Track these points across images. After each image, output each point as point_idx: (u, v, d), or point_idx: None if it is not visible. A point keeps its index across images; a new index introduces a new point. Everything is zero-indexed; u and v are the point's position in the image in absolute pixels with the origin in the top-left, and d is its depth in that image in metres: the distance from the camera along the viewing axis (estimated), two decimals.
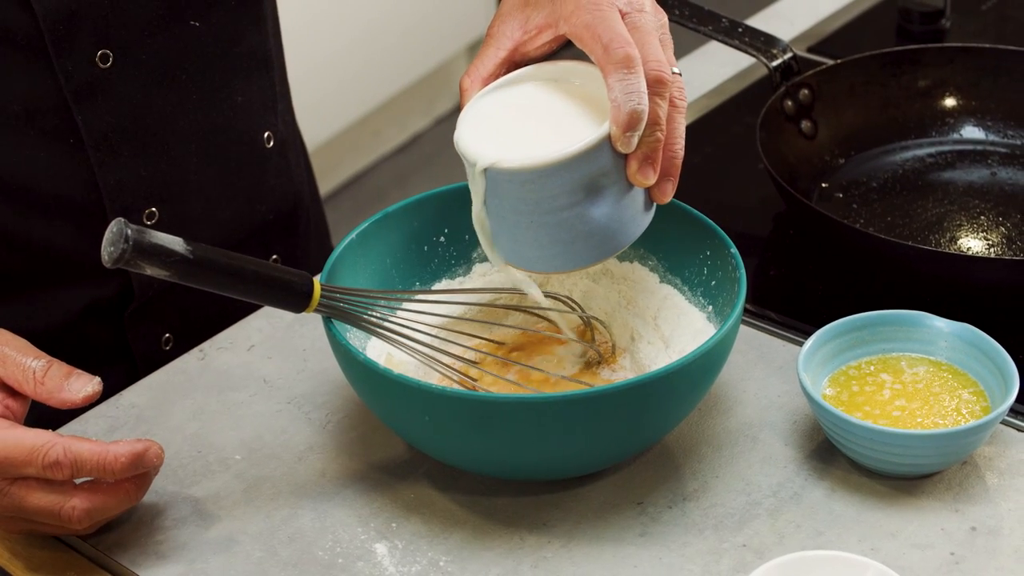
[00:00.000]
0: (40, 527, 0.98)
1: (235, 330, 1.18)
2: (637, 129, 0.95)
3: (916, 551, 0.96)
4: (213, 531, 1.00)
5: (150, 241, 0.92)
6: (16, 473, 0.94)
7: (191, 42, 1.15)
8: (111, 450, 0.95)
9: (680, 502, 1.00)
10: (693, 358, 0.95)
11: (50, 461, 0.94)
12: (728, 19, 1.34)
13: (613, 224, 0.98)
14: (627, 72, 0.95)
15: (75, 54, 1.09)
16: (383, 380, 0.96)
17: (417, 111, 3.34)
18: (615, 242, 1.00)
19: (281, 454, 1.06)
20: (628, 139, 0.95)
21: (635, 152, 0.96)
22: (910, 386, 1.04)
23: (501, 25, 1.05)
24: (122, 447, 0.95)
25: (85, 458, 0.94)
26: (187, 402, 1.11)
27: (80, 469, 0.94)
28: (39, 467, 0.94)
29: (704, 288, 1.08)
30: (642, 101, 0.95)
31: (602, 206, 0.97)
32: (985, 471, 1.01)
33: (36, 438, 0.94)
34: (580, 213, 0.97)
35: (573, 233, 0.98)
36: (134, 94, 1.13)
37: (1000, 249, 1.21)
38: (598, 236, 0.98)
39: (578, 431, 0.95)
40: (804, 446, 1.04)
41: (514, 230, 0.99)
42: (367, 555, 0.98)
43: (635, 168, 0.97)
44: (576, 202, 0.97)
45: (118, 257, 0.91)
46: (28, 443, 0.94)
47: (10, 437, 0.94)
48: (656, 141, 0.96)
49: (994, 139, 1.33)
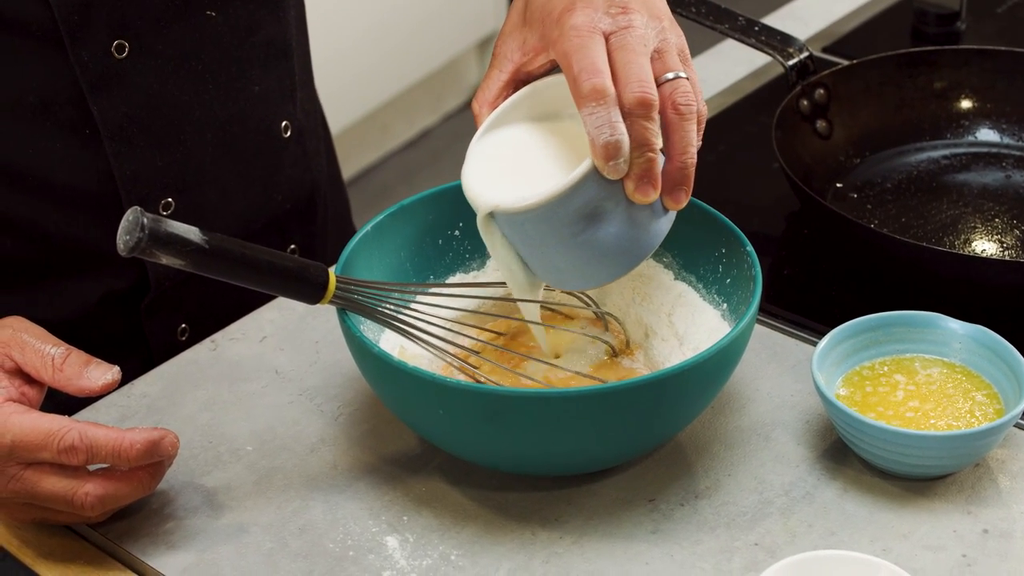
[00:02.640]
0: (52, 515, 0.98)
1: (247, 321, 1.17)
2: (618, 157, 0.94)
3: (928, 552, 0.96)
4: (224, 521, 1.00)
5: (166, 230, 0.92)
6: (31, 457, 0.94)
7: (208, 32, 1.15)
8: (127, 437, 0.94)
9: (692, 500, 1.00)
10: (707, 355, 0.95)
11: (65, 446, 0.94)
12: (745, 17, 1.34)
13: (625, 242, 0.98)
14: (596, 105, 0.94)
15: (91, 44, 1.09)
16: (397, 373, 0.96)
17: (425, 107, 3.34)
18: (634, 256, 1.00)
19: (293, 446, 1.06)
20: (613, 167, 0.94)
21: (628, 175, 0.96)
22: (924, 387, 1.04)
23: (503, 46, 1.04)
24: (138, 434, 0.95)
25: (100, 444, 0.94)
26: (199, 392, 1.11)
27: (95, 455, 0.94)
28: (54, 451, 0.94)
29: (719, 286, 1.07)
30: (615, 132, 0.94)
31: (610, 228, 0.97)
32: (998, 473, 1.01)
33: (52, 423, 0.94)
34: (588, 239, 0.97)
35: (587, 256, 0.98)
36: (150, 84, 1.13)
37: (1014, 252, 1.21)
38: (613, 255, 0.99)
39: (591, 427, 0.95)
40: (817, 446, 1.04)
41: (533, 258, 1.00)
42: (378, 548, 0.98)
43: (632, 189, 0.96)
44: (581, 231, 0.97)
45: (134, 246, 0.91)
46: (44, 427, 0.94)
47: (26, 421, 0.94)
48: (648, 162, 0.95)
49: (1009, 142, 1.33)
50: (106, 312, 1.18)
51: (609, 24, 0.96)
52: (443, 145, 3.28)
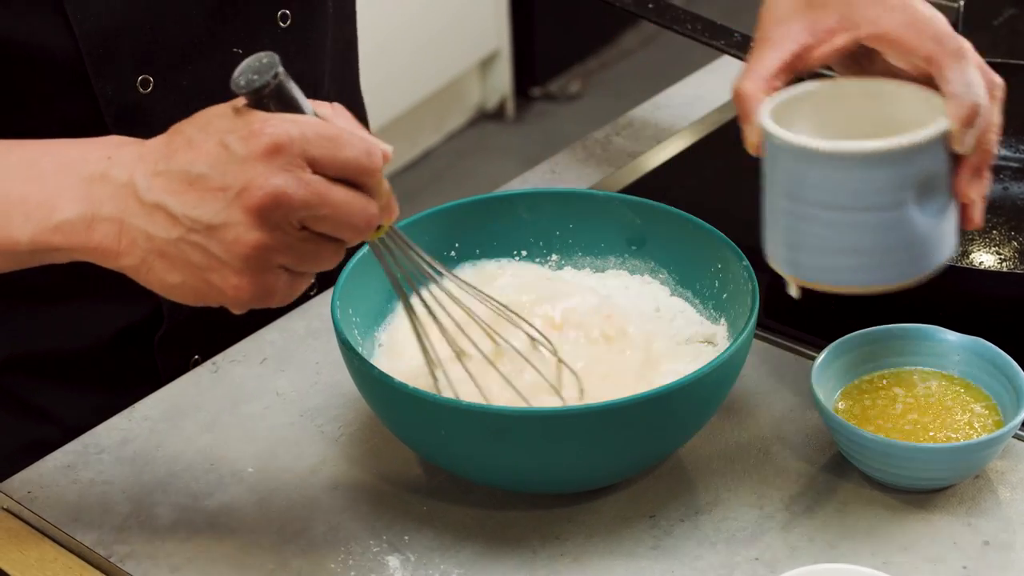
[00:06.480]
0: (308, 260, 0.87)
1: (248, 343, 1.18)
2: (975, 126, 0.90)
3: (928, 565, 0.96)
4: (226, 543, 1.00)
5: (291, 91, 0.86)
6: (340, 155, 0.85)
7: (233, 68, 1.14)
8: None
9: (692, 516, 1.00)
10: (706, 371, 0.95)
11: (378, 158, 0.85)
12: (740, 33, 1.35)
13: (935, 235, 0.91)
14: (965, 63, 0.90)
15: (115, 78, 1.08)
16: (397, 393, 0.96)
17: (428, 127, 3.35)
18: (931, 258, 0.93)
19: (294, 467, 1.06)
20: (966, 136, 0.90)
21: (969, 159, 0.92)
22: (922, 400, 1.04)
23: (780, 28, 0.99)
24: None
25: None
26: (200, 415, 1.11)
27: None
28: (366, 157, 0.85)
29: (716, 301, 1.08)
30: (980, 94, 0.90)
31: (927, 212, 0.91)
32: (997, 485, 1.01)
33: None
34: (903, 216, 0.90)
35: (892, 238, 0.91)
36: (174, 119, 1.11)
37: (1012, 263, 1.21)
38: (918, 247, 0.92)
39: (591, 444, 0.95)
40: (816, 460, 1.04)
41: (822, 231, 0.92)
42: (379, 568, 0.98)
43: (967, 177, 0.91)
44: (902, 202, 0.90)
45: (260, 86, 0.85)
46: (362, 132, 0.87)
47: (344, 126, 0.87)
48: (990, 146, 0.92)
49: (1006, 154, 1.33)
50: (122, 342, 1.18)
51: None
52: (445, 165, 3.28)
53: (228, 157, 0.85)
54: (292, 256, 0.86)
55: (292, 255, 0.86)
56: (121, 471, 1.06)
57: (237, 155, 0.84)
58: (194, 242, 0.86)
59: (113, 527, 1.01)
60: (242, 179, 0.84)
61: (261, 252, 0.85)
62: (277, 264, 0.86)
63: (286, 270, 0.87)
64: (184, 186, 0.85)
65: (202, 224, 0.85)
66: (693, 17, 1.36)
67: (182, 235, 0.86)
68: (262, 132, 0.84)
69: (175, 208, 0.85)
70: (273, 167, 0.84)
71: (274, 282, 0.86)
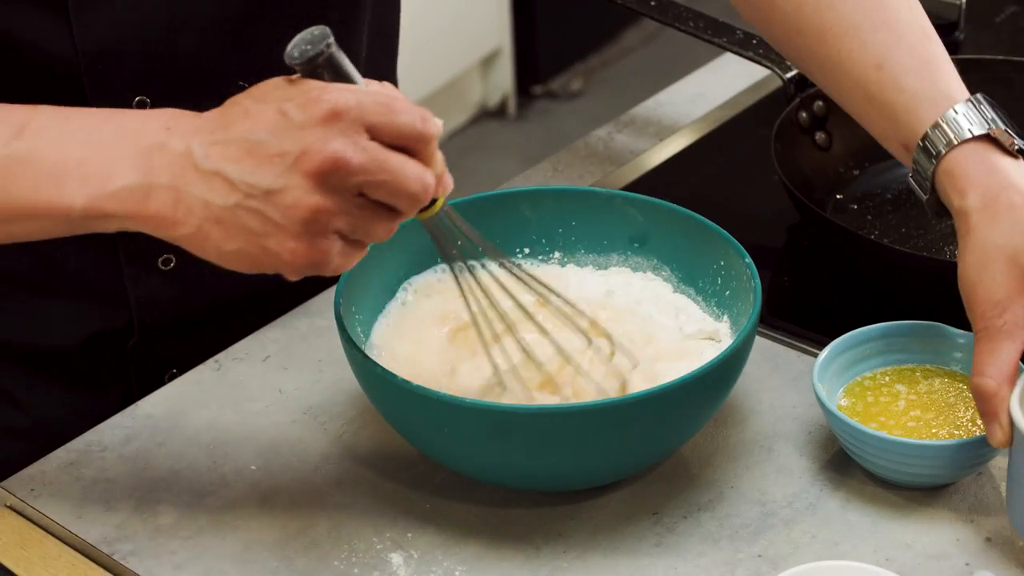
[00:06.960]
0: (372, 222, 0.88)
1: (250, 341, 1.18)
2: None
3: (931, 561, 0.96)
4: (229, 541, 1.00)
5: (343, 62, 0.87)
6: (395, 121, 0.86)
7: None
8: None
9: (695, 512, 1.00)
10: (709, 368, 0.95)
11: (433, 125, 0.87)
12: (743, 31, 1.35)
13: None
14: None
15: (111, 96, 1.06)
16: (400, 391, 0.96)
17: None
18: None
19: (297, 464, 1.06)
20: None
21: None
22: (925, 397, 1.04)
23: (1007, 315, 0.96)
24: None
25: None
26: (203, 412, 1.11)
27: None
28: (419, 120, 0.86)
29: (718, 298, 1.08)
30: None
31: None
32: (1000, 482, 1.01)
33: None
34: None
35: None
36: None
37: None
38: None
39: (594, 441, 0.95)
40: (819, 456, 1.04)
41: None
42: (383, 565, 0.98)
43: None
44: None
45: (314, 55, 0.86)
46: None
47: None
48: None
49: None
50: (95, 346, 1.16)
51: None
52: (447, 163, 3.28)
53: (286, 124, 0.85)
54: (348, 222, 0.87)
55: (348, 221, 0.87)
56: (124, 468, 1.06)
57: (295, 121, 0.85)
58: (252, 207, 0.86)
59: (116, 524, 1.01)
60: (300, 144, 0.85)
61: (319, 216, 0.85)
62: (333, 229, 0.87)
63: (341, 237, 0.88)
64: (242, 153, 0.86)
65: (260, 189, 0.85)
66: (695, 15, 1.36)
67: (239, 201, 0.86)
68: (320, 99, 0.85)
69: (233, 174, 0.86)
70: (331, 132, 0.84)
71: (329, 248, 0.87)
